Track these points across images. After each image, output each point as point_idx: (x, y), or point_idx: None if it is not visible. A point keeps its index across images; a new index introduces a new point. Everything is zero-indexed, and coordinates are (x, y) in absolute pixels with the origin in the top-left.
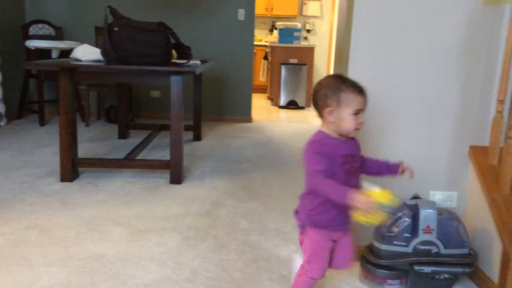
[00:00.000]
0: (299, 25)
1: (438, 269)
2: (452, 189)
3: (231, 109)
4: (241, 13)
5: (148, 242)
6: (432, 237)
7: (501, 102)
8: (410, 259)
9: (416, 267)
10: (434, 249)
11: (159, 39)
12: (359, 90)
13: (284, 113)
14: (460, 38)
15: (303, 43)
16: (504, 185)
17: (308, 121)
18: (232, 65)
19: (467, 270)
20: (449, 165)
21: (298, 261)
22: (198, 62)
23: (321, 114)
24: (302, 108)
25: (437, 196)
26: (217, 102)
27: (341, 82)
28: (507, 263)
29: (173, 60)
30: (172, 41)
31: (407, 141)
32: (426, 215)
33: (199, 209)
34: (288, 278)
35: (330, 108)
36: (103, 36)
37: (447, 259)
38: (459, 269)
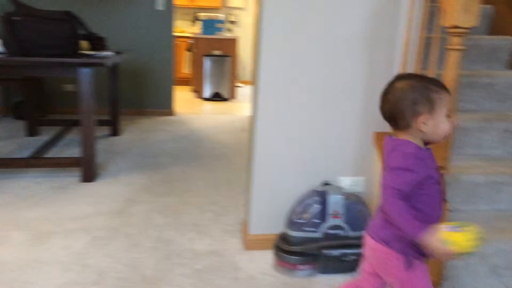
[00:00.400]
0: (221, 16)
1: (346, 251)
2: (359, 174)
3: (152, 102)
4: (159, 3)
5: (52, 246)
6: (340, 221)
7: None
8: (319, 243)
9: (325, 251)
10: (342, 233)
11: (65, 29)
12: (445, 87)
13: (208, 106)
14: (363, 29)
15: (226, 35)
16: None
17: (231, 113)
18: (152, 56)
19: None
20: (356, 151)
21: None
22: (111, 53)
23: (408, 125)
24: (226, 100)
25: (346, 181)
26: (136, 95)
27: (428, 82)
28: None
29: (83, 52)
30: (83, 31)
31: (315, 128)
32: (334, 201)
33: (111, 207)
34: (201, 272)
35: (425, 116)
36: (3, 26)
37: (355, 241)
38: None
